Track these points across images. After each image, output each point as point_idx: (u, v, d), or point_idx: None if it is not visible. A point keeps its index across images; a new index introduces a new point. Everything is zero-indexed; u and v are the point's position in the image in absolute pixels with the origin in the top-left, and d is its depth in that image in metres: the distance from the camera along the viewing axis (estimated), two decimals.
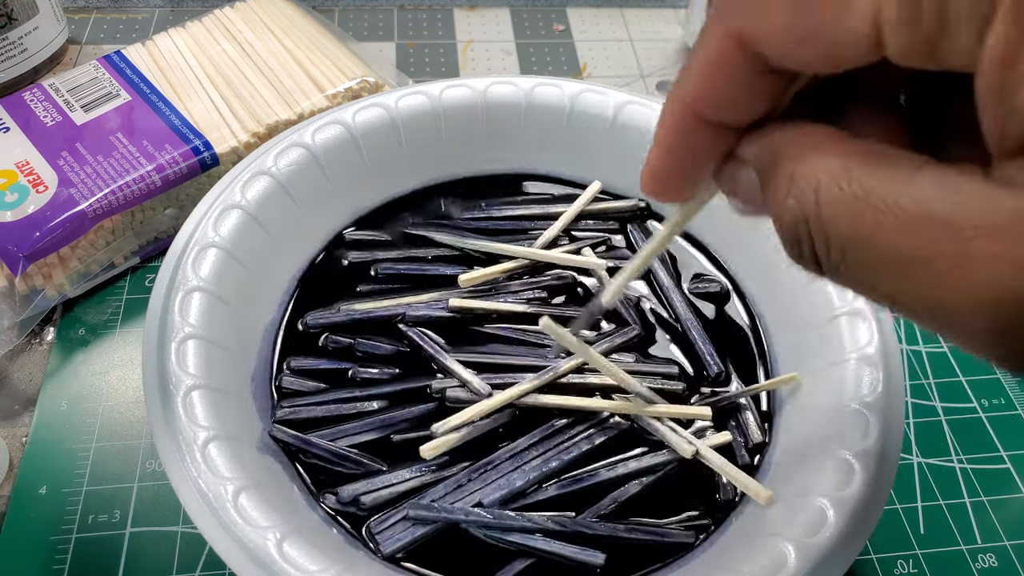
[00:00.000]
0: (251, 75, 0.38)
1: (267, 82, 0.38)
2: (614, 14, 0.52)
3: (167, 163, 0.34)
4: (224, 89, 0.37)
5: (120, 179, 0.33)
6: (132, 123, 0.35)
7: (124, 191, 0.33)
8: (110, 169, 0.33)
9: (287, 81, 0.38)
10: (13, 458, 0.29)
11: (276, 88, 0.38)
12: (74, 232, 0.32)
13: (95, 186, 0.32)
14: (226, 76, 0.38)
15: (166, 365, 0.24)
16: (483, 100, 0.33)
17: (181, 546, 0.27)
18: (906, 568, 0.29)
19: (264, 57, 0.39)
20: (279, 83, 0.38)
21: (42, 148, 0.34)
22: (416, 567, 0.24)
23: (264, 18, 0.41)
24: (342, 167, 0.31)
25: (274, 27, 0.41)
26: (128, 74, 0.38)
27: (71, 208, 0.32)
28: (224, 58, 0.39)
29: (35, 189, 0.32)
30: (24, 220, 0.31)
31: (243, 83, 0.38)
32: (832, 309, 0.27)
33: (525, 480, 0.25)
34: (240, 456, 0.23)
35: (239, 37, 0.40)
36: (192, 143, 0.34)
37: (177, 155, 0.34)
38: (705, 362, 0.29)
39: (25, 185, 0.32)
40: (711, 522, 0.25)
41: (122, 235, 0.34)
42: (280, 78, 0.38)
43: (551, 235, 0.32)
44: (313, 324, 0.29)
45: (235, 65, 0.39)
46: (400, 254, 0.32)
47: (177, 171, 0.34)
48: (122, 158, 0.33)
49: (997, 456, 0.32)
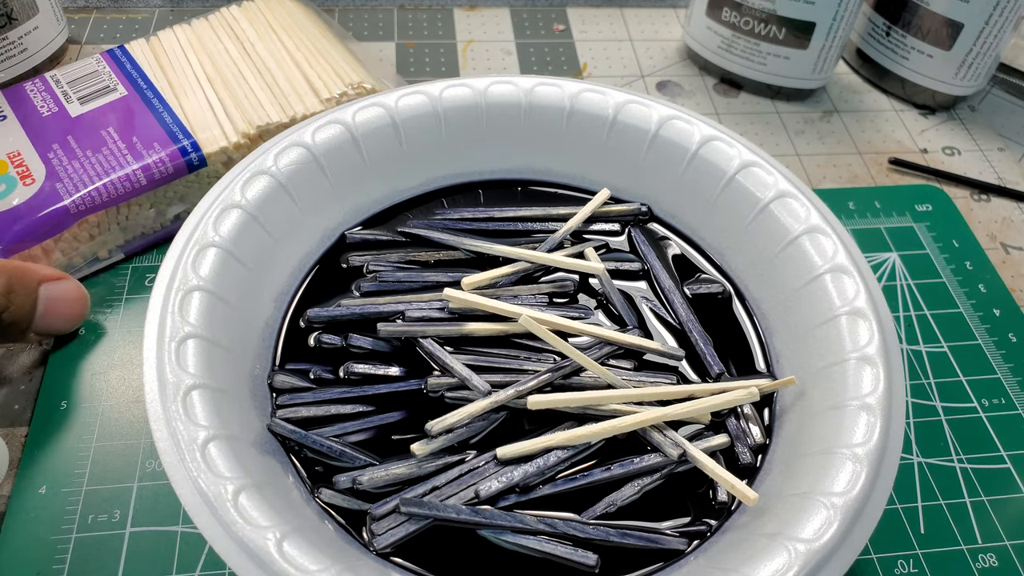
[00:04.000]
0: (249, 76, 0.38)
1: (263, 83, 0.38)
2: (614, 14, 0.52)
3: (154, 163, 0.33)
4: (220, 88, 0.37)
5: (106, 176, 0.33)
6: (125, 119, 0.35)
7: (109, 189, 0.33)
8: (97, 165, 0.33)
9: (283, 83, 0.38)
10: (13, 458, 0.29)
11: (271, 90, 0.38)
12: (56, 227, 0.32)
13: (80, 181, 0.32)
14: (224, 75, 0.38)
15: (166, 365, 0.24)
16: (483, 100, 0.33)
17: (181, 546, 0.27)
18: (906, 568, 0.29)
19: (263, 58, 0.39)
20: (275, 85, 0.38)
21: (35, 140, 0.34)
22: (414, 566, 0.24)
23: (269, 18, 0.41)
24: (342, 167, 0.31)
25: (277, 27, 0.41)
26: (128, 69, 0.37)
27: (55, 203, 0.32)
28: (224, 57, 0.39)
29: (23, 181, 0.32)
30: (7, 212, 0.31)
31: (240, 83, 0.38)
32: (832, 309, 0.27)
33: (523, 475, 0.25)
34: (240, 456, 0.23)
35: (241, 36, 0.40)
36: (181, 143, 0.34)
37: (165, 155, 0.34)
38: (706, 362, 0.29)
39: (13, 177, 0.32)
40: (707, 525, 0.25)
41: (107, 230, 0.34)
42: (277, 80, 0.38)
43: (558, 238, 0.32)
44: (315, 318, 0.29)
45: (234, 65, 0.39)
46: (401, 255, 0.32)
47: (163, 171, 0.34)
48: (111, 154, 0.33)
49: (997, 456, 0.32)
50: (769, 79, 0.46)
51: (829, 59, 0.45)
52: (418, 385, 0.28)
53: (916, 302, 0.37)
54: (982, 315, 0.37)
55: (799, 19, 0.43)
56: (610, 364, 0.29)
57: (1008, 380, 0.34)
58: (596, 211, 0.33)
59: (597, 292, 0.31)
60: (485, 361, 0.28)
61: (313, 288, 0.30)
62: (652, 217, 0.34)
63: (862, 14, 0.48)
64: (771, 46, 0.44)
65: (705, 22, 0.46)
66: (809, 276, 0.28)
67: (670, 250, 0.33)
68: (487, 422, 0.27)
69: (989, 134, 0.47)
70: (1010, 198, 0.43)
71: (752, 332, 0.30)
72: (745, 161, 0.31)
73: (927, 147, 0.45)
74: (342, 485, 0.25)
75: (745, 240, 0.31)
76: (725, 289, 0.32)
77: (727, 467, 0.26)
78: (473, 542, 0.25)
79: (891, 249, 0.39)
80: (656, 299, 0.31)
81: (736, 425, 0.28)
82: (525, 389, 0.27)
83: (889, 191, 0.42)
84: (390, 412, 0.27)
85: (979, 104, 0.49)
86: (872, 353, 0.25)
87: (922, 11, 0.44)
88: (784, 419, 0.27)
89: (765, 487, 0.26)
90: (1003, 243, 0.41)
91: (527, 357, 0.29)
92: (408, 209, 0.33)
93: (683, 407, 0.26)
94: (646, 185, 0.34)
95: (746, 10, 0.44)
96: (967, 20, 0.43)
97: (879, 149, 0.45)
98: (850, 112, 0.47)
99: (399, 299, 0.30)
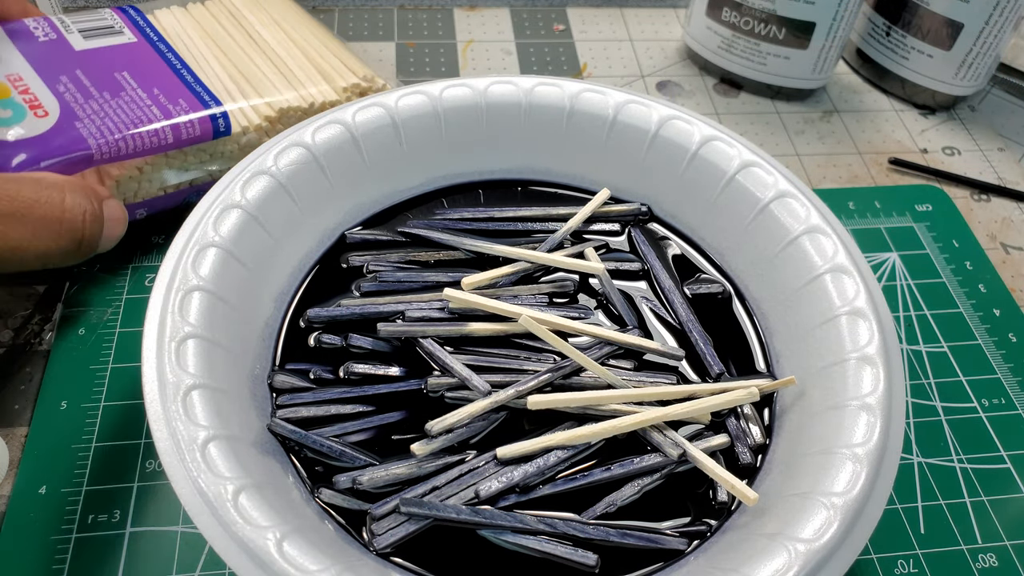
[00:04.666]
0: (259, 60, 0.37)
1: (275, 69, 0.37)
2: (614, 14, 0.52)
3: (184, 123, 0.32)
4: (232, 70, 0.36)
5: (134, 127, 0.31)
6: (140, 68, 0.33)
7: (136, 141, 0.31)
8: (120, 112, 0.31)
9: (296, 70, 0.37)
10: (13, 458, 0.29)
11: (286, 76, 0.37)
12: (72, 169, 0.30)
13: (104, 126, 0.31)
14: (232, 57, 0.37)
15: (166, 365, 0.24)
16: (483, 100, 0.33)
17: (181, 546, 0.27)
18: (906, 568, 0.29)
19: (272, 45, 0.38)
20: (288, 72, 0.37)
21: (37, 66, 0.32)
22: (414, 566, 0.24)
23: (271, 11, 0.40)
24: (342, 167, 0.31)
25: (281, 20, 0.40)
26: (139, 22, 0.36)
27: (77, 144, 0.30)
28: (229, 41, 0.38)
29: (33, 112, 0.31)
30: (20, 143, 0.30)
31: (249, 66, 0.37)
32: (832, 309, 0.27)
33: (523, 475, 0.25)
34: (240, 456, 0.23)
35: (245, 24, 0.39)
36: (208, 105, 0.33)
37: (195, 118, 0.32)
38: (706, 362, 0.29)
39: (20, 104, 0.31)
40: (707, 525, 0.25)
41: (126, 182, 0.32)
42: (289, 66, 0.37)
43: (558, 238, 0.32)
44: (315, 318, 0.29)
45: (241, 49, 0.37)
46: (401, 255, 0.32)
47: (191, 132, 0.32)
48: (131, 102, 0.32)
49: (997, 456, 0.32)
50: (769, 79, 0.46)
51: (829, 59, 0.45)
52: (418, 385, 0.28)
53: (916, 302, 0.37)
54: (982, 315, 0.37)
55: (799, 19, 0.43)
56: (610, 364, 0.29)
57: (1008, 380, 0.34)
58: (596, 211, 0.33)
59: (597, 292, 0.31)
60: (485, 361, 0.28)
61: (313, 288, 0.30)
62: (652, 217, 0.34)
63: (862, 14, 0.48)
64: (771, 46, 0.44)
65: (705, 22, 0.46)
66: (809, 276, 0.28)
67: (670, 250, 0.33)
68: (487, 422, 0.27)
69: (989, 134, 0.47)
70: (1010, 198, 0.43)
71: (752, 332, 0.30)
72: (745, 161, 0.31)
73: (927, 147, 0.45)
74: (342, 485, 0.25)
75: (745, 240, 0.31)
76: (725, 289, 0.32)
77: (727, 467, 0.26)
78: (473, 542, 0.25)
79: (891, 249, 0.39)
80: (656, 299, 0.31)
81: (736, 425, 0.28)
82: (525, 389, 0.27)
83: (889, 191, 0.42)
84: (390, 412, 0.27)
85: (979, 104, 0.49)
86: (872, 353, 0.25)
87: (922, 11, 0.44)
88: (784, 419, 0.27)
89: (765, 487, 0.26)
90: (1003, 243, 0.41)
91: (527, 357, 0.29)
92: (408, 209, 0.33)
93: (683, 407, 0.26)
94: (646, 185, 0.34)
95: (746, 10, 0.44)
96: (967, 20, 0.43)
97: (879, 149, 0.45)
98: (850, 112, 0.47)
99: (399, 299, 0.30)
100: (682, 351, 0.29)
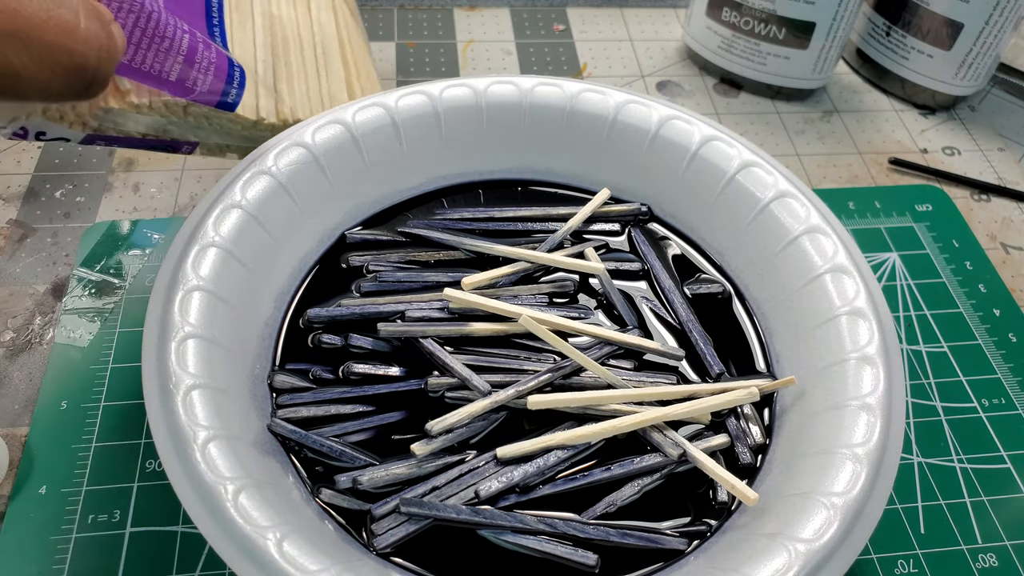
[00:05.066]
0: (306, 49, 0.34)
1: (315, 66, 0.34)
2: (614, 14, 0.52)
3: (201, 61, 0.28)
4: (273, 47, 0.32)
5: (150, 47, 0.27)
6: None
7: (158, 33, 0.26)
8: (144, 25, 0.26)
9: (335, 81, 0.34)
10: (13, 458, 0.29)
11: (319, 78, 0.34)
12: None
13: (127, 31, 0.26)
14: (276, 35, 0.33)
15: (166, 365, 0.24)
16: (483, 100, 0.33)
17: (181, 546, 0.27)
18: (906, 568, 0.29)
19: (325, 44, 0.35)
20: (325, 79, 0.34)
21: None
22: (414, 566, 0.24)
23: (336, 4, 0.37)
24: (342, 167, 0.31)
25: (339, 20, 0.37)
26: None
27: None
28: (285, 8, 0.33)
29: None
30: None
31: (295, 52, 0.33)
32: (832, 309, 0.27)
33: (523, 475, 0.25)
34: (240, 455, 0.23)
35: (311, 7, 0.35)
36: (232, 70, 0.29)
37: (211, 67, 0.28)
38: (706, 362, 0.29)
39: None
40: (707, 525, 0.25)
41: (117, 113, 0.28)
42: (330, 68, 0.34)
43: (558, 238, 0.32)
44: (315, 318, 0.29)
45: (296, 24, 0.33)
46: (401, 255, 0.32)
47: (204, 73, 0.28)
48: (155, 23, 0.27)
49: (997, 456, 0.32)
50: (769, 79, 0.46)
51: (829, 59, 0.45)
52: (418, 385, 0.28)
53: (916, 302, 0.37)
54: (982, 315, 0.37)
55: (799, 19, 0.43)
56: (610, 364, 0.29)
57: (1008, 380, 0.34)
58: (596, 211, 0.33)
59: (597, 292, 0.31)
60: (485, 361, 0.28)
61: (313, 288, 0.30)
62: (652, 217, 0.34)
63: (862, 14, 0.48)
64: (771, 46, 0.44)
65: (705, 22, 0.46)
66: (809, 276, 0.28)
67: (670, 250, 0.33)
68: (487, 422, 0.27)
69: (989, 134, 0.47)
70: (1010, 198, 0.43)
71: (752, 332, 0.30)
72: (745, 161, 0.31)
73: (927, 147, 0.45)
74: (342, 485, 0.25)
75: (745, 240, 0.31)
76: (725, 289, 0.32)
77: (727, 467, 0.26)
78: (473, 542, 0.25)
79: (891, 249, 0.39)
80: (656, 299, 0.31)
81: (736, 425, 0.28)
82: (525, 389, 0.27)
83: (889, 191, 0.42)
84: (390, 412, 0.27)
85: (979, 104, 0.48)
86: (872, 353, 0.25)
87: (922, 11, 0.44)
88: (784, 419, 0.27)
89: (765, 487, 0.26)
90: (1003, 243, 0.41)
91: (527, 357, 0.29)
92: (408, 209, 0.33)
93: (683, 407, 0.26)
94: (646, 185, 0.34)
95: (746, 10, 0.44)
96: (967, 20, 0.43)
97: (879, 149, 0.45)
98: (850, 112, 0.47)
99: (399, 299, 0.30)
100: (682, 351, 0.29)
